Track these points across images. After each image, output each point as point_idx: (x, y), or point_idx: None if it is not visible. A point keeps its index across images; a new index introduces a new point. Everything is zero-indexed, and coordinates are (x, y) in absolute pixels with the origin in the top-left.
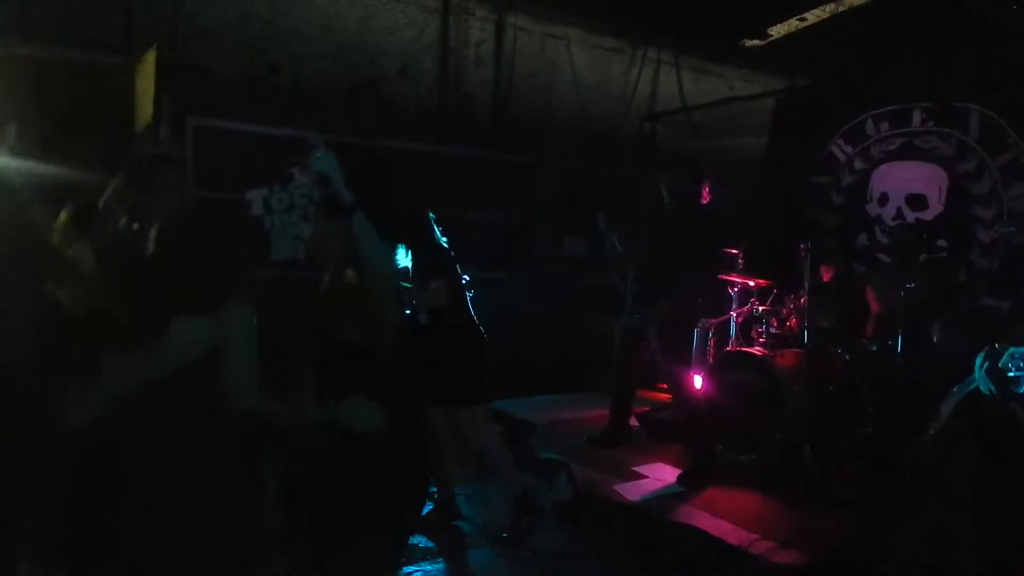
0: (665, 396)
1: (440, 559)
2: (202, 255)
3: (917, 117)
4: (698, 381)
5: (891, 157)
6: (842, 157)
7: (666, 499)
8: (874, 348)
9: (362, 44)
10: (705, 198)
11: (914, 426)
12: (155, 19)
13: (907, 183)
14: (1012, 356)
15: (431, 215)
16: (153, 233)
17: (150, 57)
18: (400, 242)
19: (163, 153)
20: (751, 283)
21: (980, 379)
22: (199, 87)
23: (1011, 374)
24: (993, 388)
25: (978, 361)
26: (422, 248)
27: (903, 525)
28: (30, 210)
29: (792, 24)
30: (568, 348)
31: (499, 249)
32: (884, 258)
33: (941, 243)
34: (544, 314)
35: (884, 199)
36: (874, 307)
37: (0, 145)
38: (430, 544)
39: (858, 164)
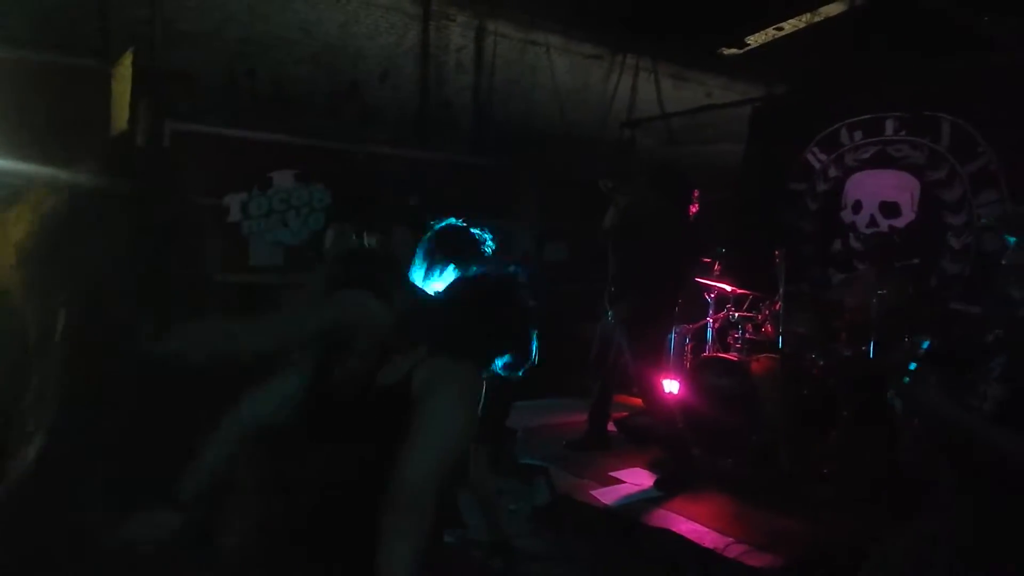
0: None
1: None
2: None
3: (890, 126)
4: (674, 386)
5: (865, 165)
6: (817, 165)
7: (643, 503)
8: (847, 353)
9: (342, 49)
10: (693, 208)
11: (887, 429)
12: (132, 22)
13: (880, 191)
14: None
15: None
16: None
17: (126, 60)
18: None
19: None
20: (728, 289)
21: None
22: (177, 91)
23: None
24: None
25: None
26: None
27: (879, 526)
28: None
29: (769, 33)
30: (548, 353)
31: None
32: (858, 264)
33: (913, 250)
34: None
35: (858, 206)
36: (848, 313)
37: None
38: None
39: (832, 172)
